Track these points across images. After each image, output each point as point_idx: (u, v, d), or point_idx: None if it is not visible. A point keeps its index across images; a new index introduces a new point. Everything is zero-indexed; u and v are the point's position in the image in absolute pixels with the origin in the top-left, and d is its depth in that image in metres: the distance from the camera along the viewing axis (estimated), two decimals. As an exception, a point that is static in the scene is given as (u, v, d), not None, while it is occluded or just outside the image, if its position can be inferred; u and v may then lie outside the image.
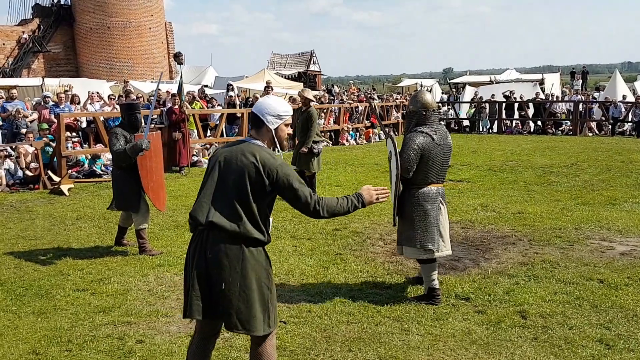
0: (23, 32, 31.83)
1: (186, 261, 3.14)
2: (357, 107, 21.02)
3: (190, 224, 3.13)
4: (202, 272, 3.02)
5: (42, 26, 33.16)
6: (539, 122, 22.36)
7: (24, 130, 12.48)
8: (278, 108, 3.18)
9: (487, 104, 23.25)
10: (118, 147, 6.25)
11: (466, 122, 24.13)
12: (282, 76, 31.85)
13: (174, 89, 17.08)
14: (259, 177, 3.03)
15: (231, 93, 18.03)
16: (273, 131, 3.17)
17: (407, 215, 4.88)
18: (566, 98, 24.76)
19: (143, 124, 6.98)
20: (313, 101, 9.83)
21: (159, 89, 8.91)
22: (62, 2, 34.41)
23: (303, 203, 3.12)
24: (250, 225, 3.03)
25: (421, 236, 4.83)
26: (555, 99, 24.47)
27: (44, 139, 11.74)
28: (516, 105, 22.84)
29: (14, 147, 11.75)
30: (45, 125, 12.40)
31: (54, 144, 11.54)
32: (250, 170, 3.03)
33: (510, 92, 23.65)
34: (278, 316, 3.26)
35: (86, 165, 12.36)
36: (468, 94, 26.64)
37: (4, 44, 31.84)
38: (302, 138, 9.39)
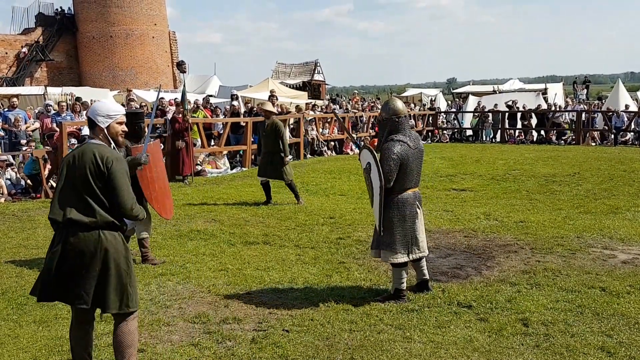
0: (22, 47, 31.97)
1: (50, 254, 3.51)
2: (362, 116, 21.06)
3: (52, 225, 3.55)
4: (62, 261, 3.42)
5: (45, 35, 33.30)
6: (542, 132, 22.37)
7: (23, 141, 12.54)
8: (108, 109, 3.64)
9: (490, 114, 23.30)
10: None
11: (469, 132, 24.17)
12: (286, 85, 31.94)
13: (177, 98, 17.16)
14: (98, 169, 3.44)
15: (234, 102, 18.09)
16: (105, 129, 3.59)
17: (386, 220, 5.02)
18: (569, 108, 24.78)
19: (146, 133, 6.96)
20: (275, 113, 10.02)
21: (162, 98, 9.01)
22: (65, 11, 34.60)
23: (122, 200, 3.48)
24: (104, 212, 3.46)
25: (399, 241, 5.03)
26: (558, 109, 24.49)
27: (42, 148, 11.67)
28: (519, 114, 22.87)
29: (15, 155, 11.80)
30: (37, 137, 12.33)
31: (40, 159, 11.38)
32: (90, 165, 3.44)
33: (513, 101, 23.68)
34: (139, 299, 3.74)
35: None
36: (471, 103, 26.68)
37: (6, 53, 31.97)
38: (267, 149, 9.61)
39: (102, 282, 3.46)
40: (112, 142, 3.62)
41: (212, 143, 15.69)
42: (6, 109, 13.89)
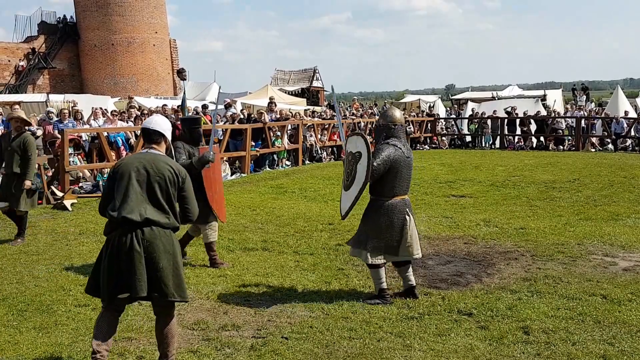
0: (20, 60, 32.09)
1: (116, 252, 3.71)
2: (360, 122, 21.10)
3: (118, 221, 3.72)
4: (139, 258, 3.68)
5: (47, 43, 33.43)
6: (542, 138, 22.38)
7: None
8: (170, 125, 4.10)
9: (489, 120, 23.32)
10: (183, 160, 6.34)
11: (468, 138, 24.19)
12: (285, 92, 32.00)
13: (177, 105, 17.19)
14: (176, 179, 3.87)
15: (233, 109, 18.08)
16: (169, 142, 4.09)
17: (374, 225, 5.17)
18: (568, 114, 24.80)
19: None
20: (30, 124, 8.33)
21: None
22: (67, 20, 34.73)
23: (193, 208, 3.99)
24: (173, 217, 3.86)
25: (384, 246, 5.14)
26: (557, 115, 24.49)
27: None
28: (518, 121, 22.89)
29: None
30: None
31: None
32: (169, 175, 3.84)
33: (512, 108, 23.71)
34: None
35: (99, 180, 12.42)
36: (470, 110, 26.72)
37: (9, 61, 32.08)
38: (10, 170, 7.72)
39: (177, 275, 3.82)
40: (170, 151, 4.08)
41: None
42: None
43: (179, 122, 12.96)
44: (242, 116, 17.28)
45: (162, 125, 4.04)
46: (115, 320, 3.90)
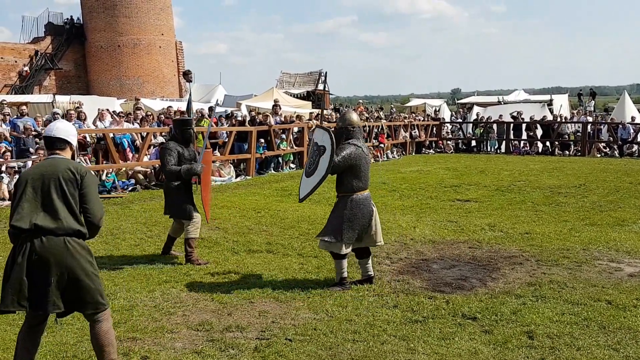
0: (24, 66, 32.26)
1: (12, 265, 3.54)
2: (365, 125, 21.07)
3: (13, 234, 3.58)
4: (29, 272, 3.49)
5: (54, 44, 33.61)
6: (547, 143, 22.34)
7: (32, 150, 12.59)
8: (74, 130, 3.94)
9: (495, 124, 23.30)
10: (171, 167, 6.50)
11: (474, 142, 24.15)
12: (290, 95, 32.02)
13: (183, 106, 17.24)
14: (73, 175, 3.61)
15: (237, 113, 18.12)
16: (75, 147, 3.94)
17: (345, 219, 5.58)
18: (575, 119, 24.75)
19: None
20: None
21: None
22: (74, 21, 34.91)
23: (93, 208, 3.63)
24: (72, 219, 3.57)
25: (346, 236, 5.56)
26: (563, 120, 24.46)
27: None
28: (524, 125, 22.86)
29: (24, 162, 11.84)
30: None
31: None
32: (64, 172, 3.60)
33: (518, 112, 23.67)
34: (106, 296, 3.87)
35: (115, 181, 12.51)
36: (476, 114, 26.70)
37: (16, 62, 32.26)
38: None
39: (75, 287, 3.60)
40: (75, 157, 3.95)
41: (217, 151, 15.71)
42: (15, 117, 13.96)
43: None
44: (249, 117, 17.32)
45: (66, 131, 3.84)
46: (37, 338, 3.78)
